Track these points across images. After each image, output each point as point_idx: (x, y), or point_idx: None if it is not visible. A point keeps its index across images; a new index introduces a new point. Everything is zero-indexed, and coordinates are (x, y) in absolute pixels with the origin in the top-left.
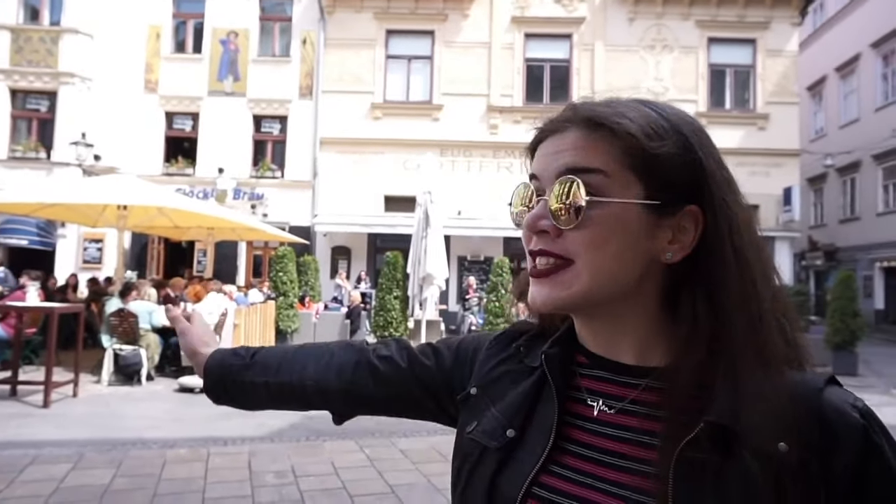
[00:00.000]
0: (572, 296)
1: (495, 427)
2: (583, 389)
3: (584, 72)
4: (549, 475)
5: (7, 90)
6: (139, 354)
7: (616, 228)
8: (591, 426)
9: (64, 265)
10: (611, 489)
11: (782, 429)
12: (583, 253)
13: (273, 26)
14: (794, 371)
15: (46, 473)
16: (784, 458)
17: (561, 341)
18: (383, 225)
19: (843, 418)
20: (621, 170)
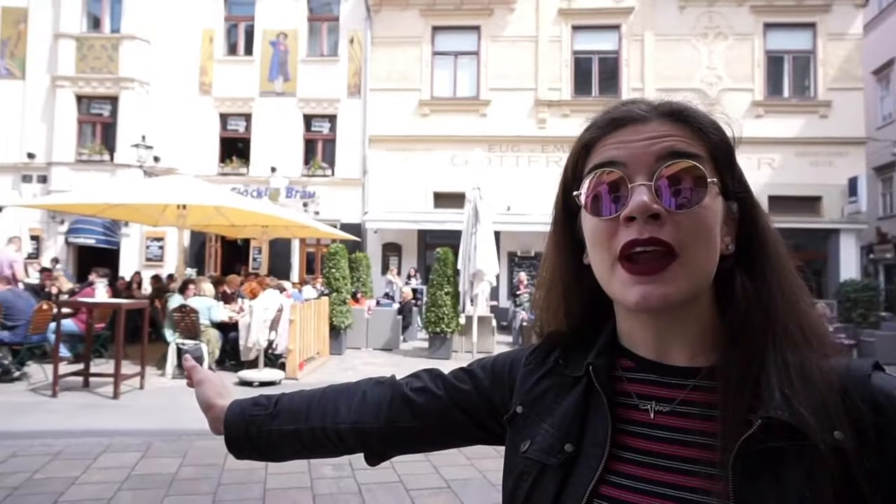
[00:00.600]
0: (683, 290)
1: (552, 443)
2: (632, 395)
3: (634, 63)
4: (608, 485)
5: (73, 96)
6: (200, 349)
7: (716, 216)
8: (644, 431)
9: (128, 263)
10: (669, 492)
11: (836, 417)
12: (689, 242)
13: (321, 26)
14: (839, 359)
15: (118, 461)
16: (841, 445)
17: (604, 349)
18: (433, 221)
19: (893, 403)
20: (709, 159)
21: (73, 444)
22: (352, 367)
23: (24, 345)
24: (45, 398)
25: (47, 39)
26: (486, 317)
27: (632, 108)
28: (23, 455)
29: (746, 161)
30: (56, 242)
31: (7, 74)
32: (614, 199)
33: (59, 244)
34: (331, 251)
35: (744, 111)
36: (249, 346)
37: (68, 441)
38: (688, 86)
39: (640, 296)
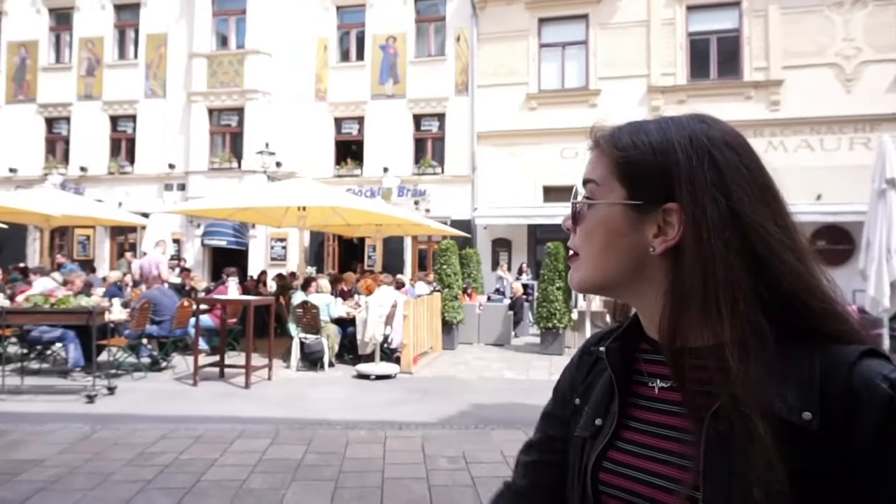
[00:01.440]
0: (582, 279)
1: (587, 420)
2: (644, 373)
3: (757, 41)
4: (616, 450)
5: (205, 110)
6: (321, 343)
7: (600, 224)
8: (650, 404)
9: (255, 262)
10: (664, 457)
11: (807, 399)
12: (581, 245)
13: (428, 27)
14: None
15: (250, 446)
16: (807, 426)
17: (623, 335)
18: (542, 216)
19: (869, 389)
20: (609, 178)
21: (211, 428)
22: (464, 362)
23: (170, 338)
24: (187, 386)
25: (183, 59)
26: (600, 311)
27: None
28: (170, 437)
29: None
30: (193, 245)
31: (151, 94)
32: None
33: (196, 246)
34: (442, 248)
35: (888, 85)
36: (366, 341)
37: (207, 426)
38: (820, 62)
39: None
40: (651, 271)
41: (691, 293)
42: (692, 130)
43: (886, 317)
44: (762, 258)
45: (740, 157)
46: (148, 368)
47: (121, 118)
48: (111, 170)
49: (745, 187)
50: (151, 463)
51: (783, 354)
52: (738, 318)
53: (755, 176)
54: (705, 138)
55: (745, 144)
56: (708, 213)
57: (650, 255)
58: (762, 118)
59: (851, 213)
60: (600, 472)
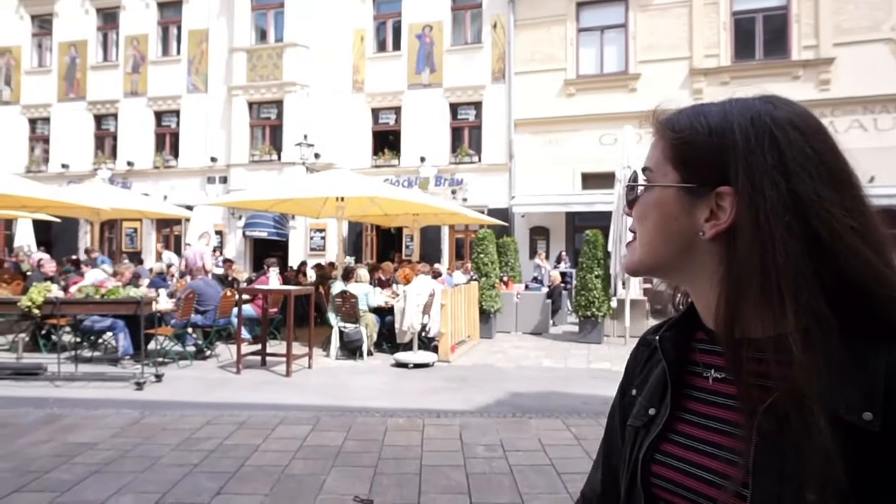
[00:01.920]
0: (633, 262)
1: (640, 410)
2: (699, 364)
3: (806, 17)
4: (668, 442)
5: (245, 103)
6: (360, 332)
7: (653, 208)
8: (704, 396)
9: (295, 253)
10: (714, 451)
11: (870, 398)
12: (637, 227)
13: (464, 15)
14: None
15: (292, 433)
16: (867, 426)
17: (678, 324)
18: (581, 203)
19: None
20: (663, 162)
21: (254, 415)
22: (501, 351)
23: (214, 327)
24: (230, 374)
25: (223, 54)
26: (640, 300)
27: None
28: (215, 423)
29: None
30: (235, 236)
31: (194, 89)
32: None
33: (237, 237)
34: (479, 236)
35: None
36: (404, 330)
37: (251, 413)
38: (875, 37)
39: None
40: (703, 257)
41: (749, 280)
42: (756, 111)
43: None
44: (827, 244)
45: (806, 138)
46: (193, 357)
47: (165, 113)
48: (156, 164)
49: (811, 170)
50: (197, 448)
51: (847, 348)
52: (802, 307)
53: (823, 158)
54: (769, 119)
55: (815, 125)
56: (767, 195)
57: (701, 240)
58: (811, 98)
59: None
60: (652, 464)
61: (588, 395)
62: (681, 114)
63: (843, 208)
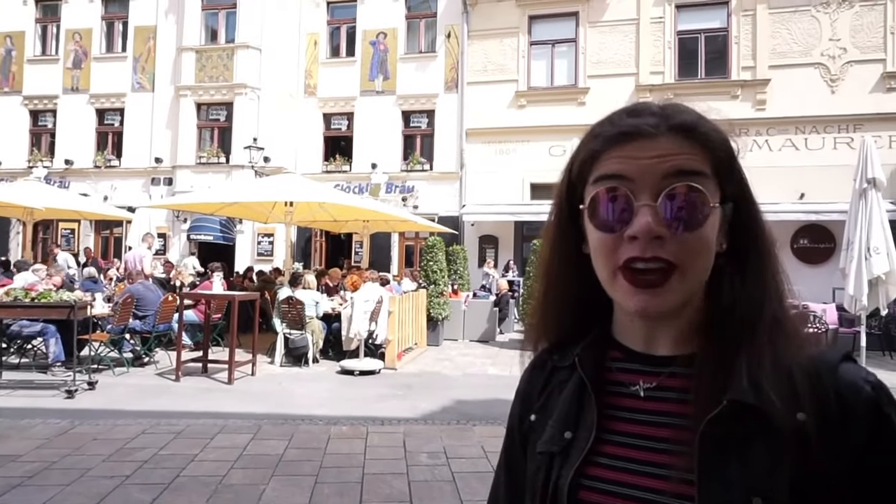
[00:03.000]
0: (676, 300)
1: (554, 434)
2: (621, 382)
3: (745, 40)
4: (595, 466)
5: (194, 104)
6: (306, 339)
7: (714, 229)
8: (629, 415)
9: (242, 258)
10: (647, 469)
11: (801, 401)
12: (689, 258)
13: (419, 23)
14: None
15: (232, 442)
16: (802, 427)
17: (593, 342)
18: (530, 213)
19: (856, 391)
20: (713, 176)
21: (192, 424)
22: (448, 358)
23: (153, 333)
24: (169, 382)
25: (171, 53)
26: None
27: (640, 122)
28: (151, 433)
29: (875, 140)
30: (180, 240)
31: (139, 88)
32: (618, 214)
33: (182, 241)
34: (428, 244)
35: (873, 84)
36: (351, 337)
37: (189, 421)
38: (806, 61)
39: (639, 306)
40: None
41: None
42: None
43: (864, 315)
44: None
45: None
46: (130, 364)
47: (108, 111)
48: (97, 163)
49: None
50: (130, 458)
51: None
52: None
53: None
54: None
55: None
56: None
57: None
58: (748, 117)
59: (834, 212)
60: (580, 490)
61: None
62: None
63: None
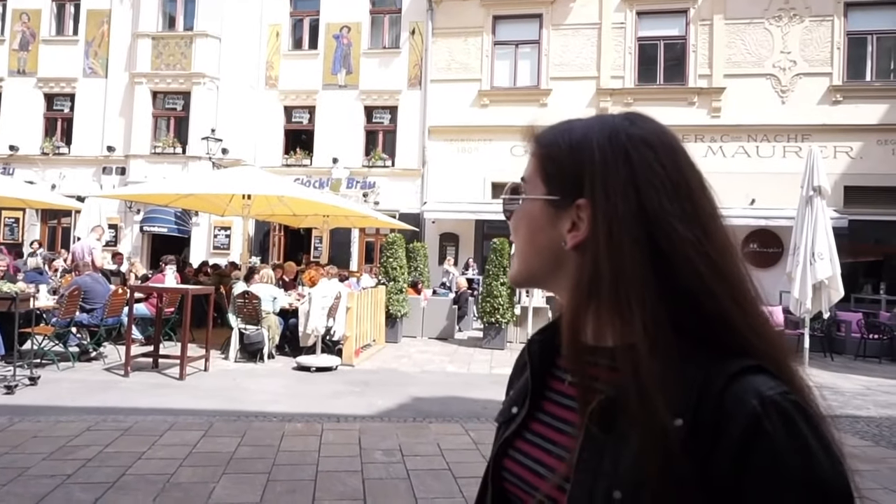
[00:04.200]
0: (512, 273)
1: (504, 409)
2: (560, 368)
3: (702, 48)
4: (521, 440)
5: (149, 92)
6: (262, 334)
7: (523, 220)
8: (560, 399)
9: (198, 251)
10: (553, 448)
11: (683, 406)
12: (513, 239)
13: (383, 19)
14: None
15: (182, 439)
16: (677, 431)
17: (547, 330)
18: (490, 212)
19: (738, 404)
20: (534, 176)
21: (140, 421)
22: (406, 355)
23: (101, 327)
24: (118, 377)
25: (127, 39)
26: (542, 308)
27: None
28: (96, 430)
29: (821, 150)
30: (132, 231)
31: (91, 73)
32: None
33: (134, 233)
34: (388, 241)
35: (820, 97)
36: (308, 333)
37: (137, 418)
38: (759, 72)
39: None
40: (569, 267)
41: (593, 288)
42: (614, 128)
43: (808, 317)
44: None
45: (656, 154)
46: (76, 358)
47: (57, 97)
48: (45, 150)
49: (657, 185)
50: (73, 457)
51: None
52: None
53: (669, 174)
54: (625, 136)
55: (667, 143)
56: (618, 209)
57: (566, 252)
58: (704, 124)
59: (782, 217)
60: (504, 459)
61: (488, 400)
62: (551, 130)
63: (685, 221)
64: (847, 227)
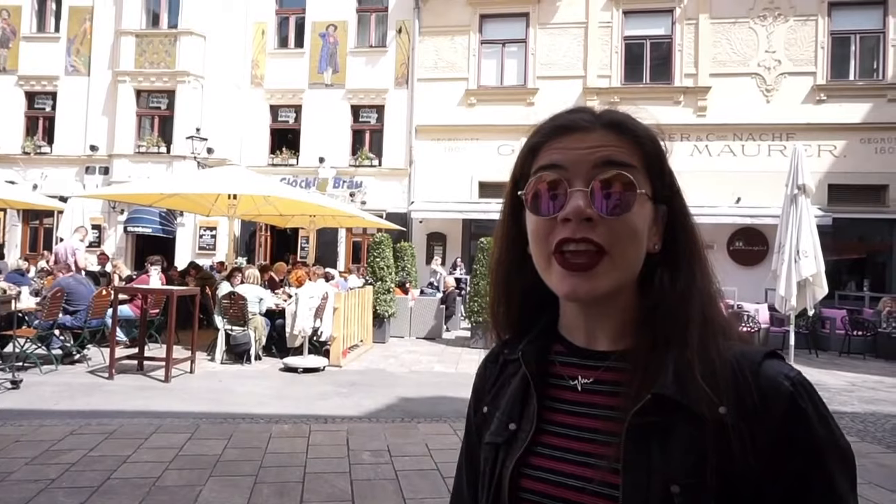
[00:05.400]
0: (609, 285)
1: (500, 426)
2: (563, 376)
3: (688, 47)
4: (535, 455)
5: (133, 91)
6: (248, 335)
7: (644, 221)
8: (568, 407)
9: (183, 252)
10: (581, 459)
11: (724, 394)
12: (618, 243)
13: (369, 17)
14: (740, 345)
15: (168, 441)
16: (723, 419)
17: (538, 336)
18: (478, 211)
19: (774, 386)
20: (642, 169)
21: (126, 423)
22: (394, 356)
23: (85, 329)
24: (102, 380)
25: (109, 36)
26: None
27: (577, 117)
28: (80, 433)
29: (806, 148)
30: (116, 232)
31: (73, 71)
32: (553, 200)
33: (118, 233)
34: (375, 241)
35: (804, 96)
36: (295, 334)
37: (122, 421)
38: (744, 71)
39: (570, 288)
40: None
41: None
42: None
43: (793, 314)
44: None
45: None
46: (59, 361)
47: (38, 95)
48: (26, 149)
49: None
50: (57, 461)
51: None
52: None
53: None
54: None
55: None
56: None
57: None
58: (690, 122)
59: (767, 216)
60: (522, 479)
61: None
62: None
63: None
64: (831, 224)
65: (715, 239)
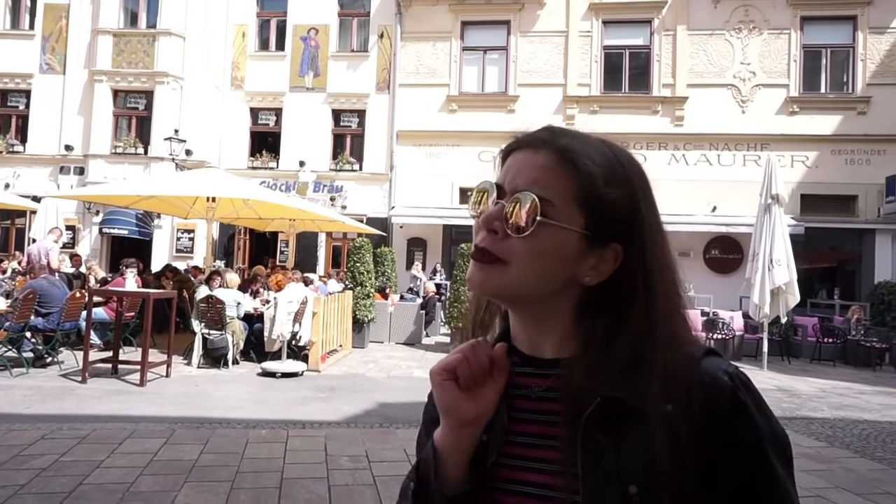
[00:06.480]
0: (502, 288)
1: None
2: (521, 386)
3: (665, 58)
4: (503, 467)
5: (110, 91)
6: (226, 339)
7: (553, 248)
8: (528, 416)
9: (160, 254)
10: (542, 466)
11: (669, 393)
12: (517, 259)
13: (351, 22)
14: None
15: (142, 447)
16: (670, 416)
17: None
18: (458, 217)
19: (715, 381)
20: (572, 202)
21: (99, 428)
22: (373, 361)
23: (57, 331)
24: (75, 384)
25: (86, 35)
26: None
27: (536, 135)
28: (51, 438)
29: (779, 159)
30: (91, 233)
31: (48, 69)
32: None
33: (93, 235)
34: (355, 245)
35: (777, 107)
36: (273, 338)
37: (95, 426)
38: (720, 82)
39: (469, 275)
40: (567, 294)
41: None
42: (639, 166)
43: (766, 322)
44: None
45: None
46: (30, 364)
47: (11, 93)
48: None
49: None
50: (27, 466)
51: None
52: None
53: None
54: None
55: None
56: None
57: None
58: (667, 132)
59: (742, 224)
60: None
61: None
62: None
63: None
64: (803, 234)
65: (691, 247)
